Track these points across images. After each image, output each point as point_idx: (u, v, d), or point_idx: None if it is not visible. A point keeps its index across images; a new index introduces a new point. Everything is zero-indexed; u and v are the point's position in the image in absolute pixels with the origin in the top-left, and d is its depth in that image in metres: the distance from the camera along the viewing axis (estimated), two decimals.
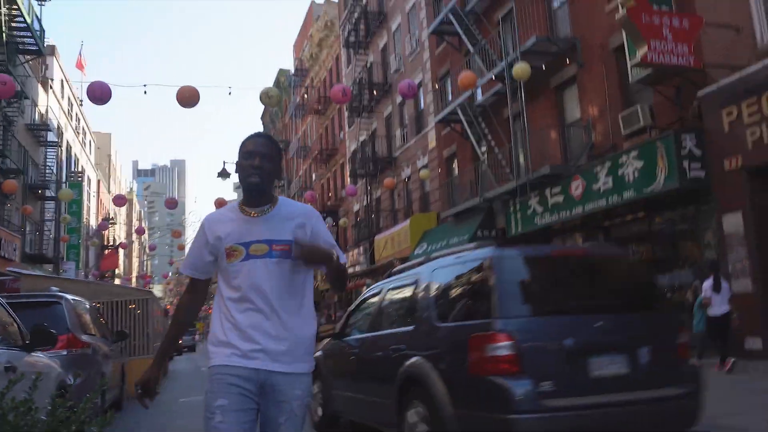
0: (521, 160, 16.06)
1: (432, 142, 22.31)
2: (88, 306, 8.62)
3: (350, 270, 30.11)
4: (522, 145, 15.98)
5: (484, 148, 17.80)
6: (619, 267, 5.11)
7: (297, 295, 2.58)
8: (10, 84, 11.71)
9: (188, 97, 10.21)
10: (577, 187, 13.33)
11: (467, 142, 18.85)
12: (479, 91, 18.01)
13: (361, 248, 28.26)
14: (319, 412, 6.85)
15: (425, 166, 22.24)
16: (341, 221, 27.30)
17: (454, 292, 4.83)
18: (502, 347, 3.91)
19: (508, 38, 16.80)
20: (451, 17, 18.46)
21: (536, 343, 4.01)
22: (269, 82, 61.67)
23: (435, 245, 19.18)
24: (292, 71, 44.91)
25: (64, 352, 6.32)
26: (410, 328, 5.04)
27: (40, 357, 5.17)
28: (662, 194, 11.30)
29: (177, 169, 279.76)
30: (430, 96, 22.49)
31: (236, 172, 2.64)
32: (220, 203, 20.96)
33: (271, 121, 54.48)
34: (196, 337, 49.48)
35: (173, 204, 23.45)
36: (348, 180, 30.74)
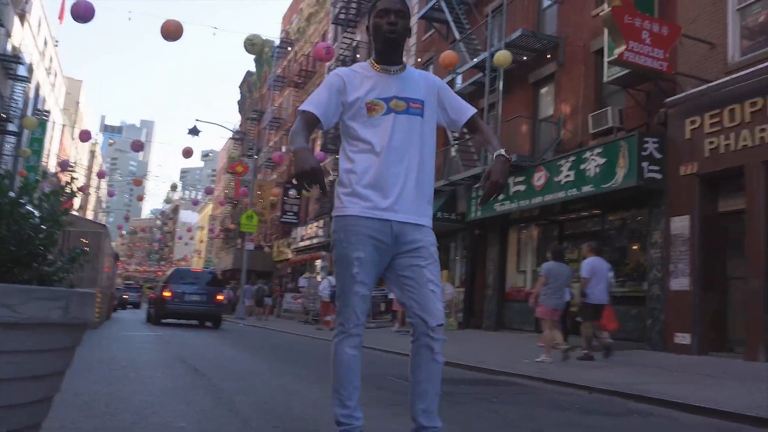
0: None
1: None
2: None
3: (307, 243, 30.18)
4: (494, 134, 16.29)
5: (456, 134, 18.09)
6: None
7: (426, 151, 2.68)
8: None
9: (173, 31, 10.19)
10: (539, 178, 13.72)
11: (441, 127, 19.07)
12: (459, 78, 18.30)
13: (321, 222, 28.35)
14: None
15: None
16: (304, 192, 27.28)
17: None
18: None
19: (495, 31, 17.11)
20: (443, 4, 18.68)
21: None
22: (253, 54, 60.82)
23: None
24: (277, 43, 44.61)
25: None
26: None
27: None
28: (618, 193, 11.74)
29: (146, 130, 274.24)
30: None
31: (369, 33, 2.74)
32: (187, 152, 20.81)
33: (248, 90, 54.02)
34: (141, 295, 48.93)
35: (139, 146, 23.17)
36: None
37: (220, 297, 18.06)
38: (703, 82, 10.55)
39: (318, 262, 29.09)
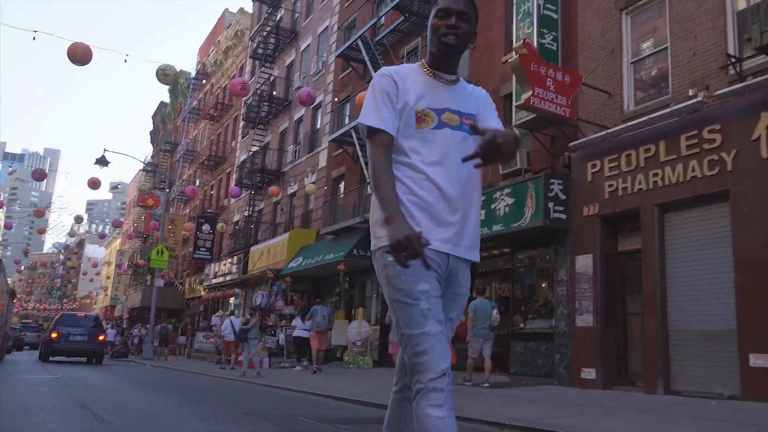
0: None
1: (323, 162, 22.62)
2: None
3: (221, 279, 29.42)
4: None
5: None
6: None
7: (474, 175, 2.27)
8: None
9: (81, 54, 9.86)
10: None
11: (357, 166, 19.32)
12: None
13: (235, 258, 27.76)
14: None
15: (313, 184, 22.46)
16: (219, 226, 26.76)
17: None
18: None
19: None
20: (360, 44, 19.06)
21: None
22: (166, 84, 59.54)
23: (310, 260, 19.32)
24: (193, 74, 43.96)
25: None
26: None
27: None
28: (526, 232, 12.19)
29: (50, 158, 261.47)
30: (328, 117, 22.90)
31: (426, 34, 2.36)
32: (93, 182, 19.98)
33: (162, 121, 52.71)
34: (40, 335, 45.95)
35: (41, 175, 22.03)
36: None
37: (101, 337, 21.29)
38: (602, 129, 11.22)
39: (231, 300, 28.37)
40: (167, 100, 50.09)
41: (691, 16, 10.14)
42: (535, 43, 11.91)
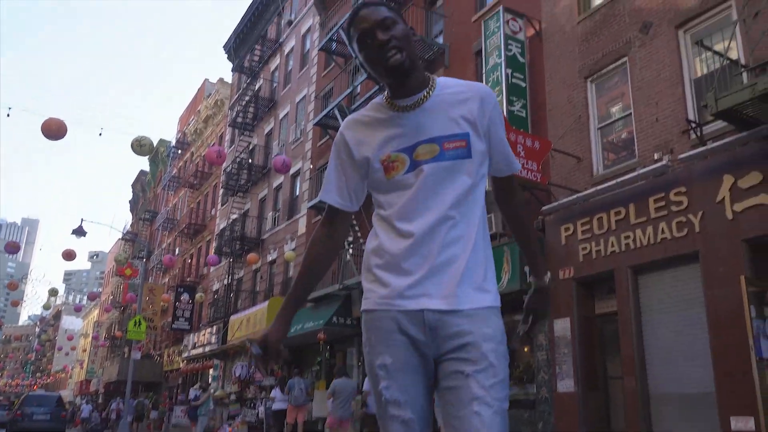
0: None
1: (302, 228, 22.63)
2: None
3: (200, 350, 28.83)
4: None
5: (350, 239, 18.33)
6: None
7: (475, 201, 1.87)
8: None
9: (55, 130, 9.92)
10: None
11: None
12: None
13: (215, 328, 27.30)
14: None
15: (293, 251, 22.39)
16: (198, 296, 26.41)
17: None
18: None
19: None
20: (337, 112, 19.42)
21: None
22: (142, 155, 59.86)
23: (290, 328, 19.02)
24: (173, 143, 44.31)
25: None
26: None
27: None
28: (505, 297, 12.15)
29: (28, 228, 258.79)
30: (306, 184, 23.06)
31: (364, 68, 1.92)
32: (68, 254, 19.74)
33: (141, 189, 52.71)
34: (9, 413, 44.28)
35: (15, 248, 21.74)
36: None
37: (63, 415, 24.15)
38: (573, 192, 11.41)
39: (211, 371, 27.72)
40: (148, 168, 50.29)
41: (652, 83, 10.51)
42: (505, 111, 12.21)
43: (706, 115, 9.34)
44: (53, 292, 32.19)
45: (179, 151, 41.66)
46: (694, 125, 9.47)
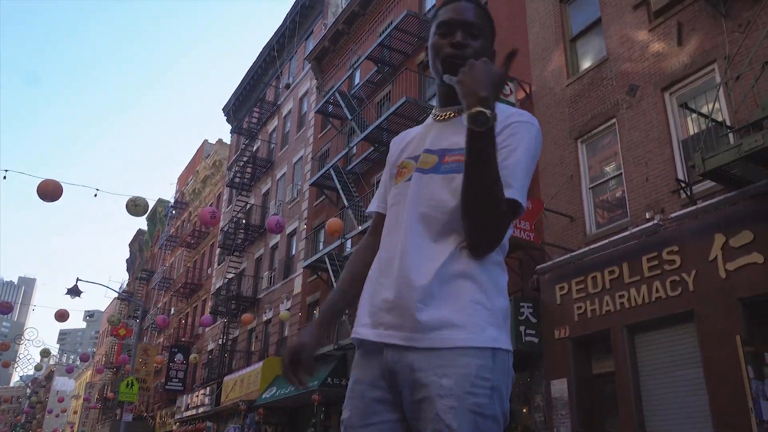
0: None
1: (298, 288, 22.53)
2: None
3: (193, 412, 28.23)
4: None
5: None
6: None
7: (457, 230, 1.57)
8: None
9: (51, 191, 10.02)
10: None
11: (331, 291, 19.23)
12: (349, 242, 18.83)
13: (208, 389, 26.81)
14: None
15: (288, 310, 22.23)
16: (192, 357, 26.05)
17: None
18: None
19: None
20: (333, 173, 19.65)
21: None
22: (137, 215, 60.09)
23: (284, 390, 18.73)
24: (172, 202, 44.57)
25: None
26: None
27: None
28: None
29: (24, 287, 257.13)
30: (302, 243, 23.09)
31: (427, 57, 1.78)
32: (61, 314, 19.56)
33: (139, 248, 52.69)
34: None
35: (7, 308, 21.53)
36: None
37: None
38: (567, 252, 11.44)
39: None
40: (146, 227, 50.38)
41: (641, 143, 10.69)
42: None
43: (695, 174, 9.47)
44: (45, 353, 31.73)
45: (174, 212, 41.89)
46: (683, 185, 9.59)
